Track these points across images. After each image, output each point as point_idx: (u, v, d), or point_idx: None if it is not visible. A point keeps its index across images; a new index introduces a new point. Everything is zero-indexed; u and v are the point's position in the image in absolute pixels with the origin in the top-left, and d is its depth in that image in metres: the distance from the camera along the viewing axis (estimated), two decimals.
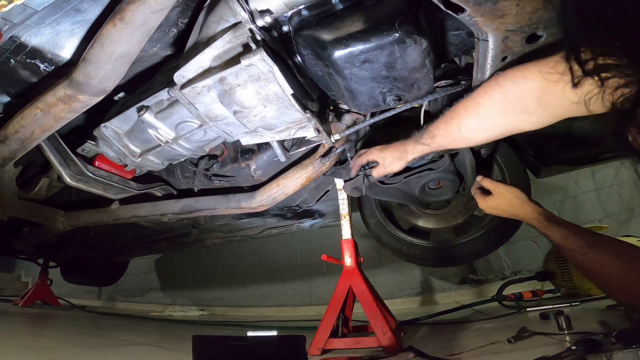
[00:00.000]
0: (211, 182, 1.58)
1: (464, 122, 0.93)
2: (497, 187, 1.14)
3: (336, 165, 1.43)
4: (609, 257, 0.93)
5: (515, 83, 0.80)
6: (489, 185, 1.17)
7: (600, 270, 0.94)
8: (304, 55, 1.01)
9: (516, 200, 1.11)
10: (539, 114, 0.80)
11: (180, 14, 1.03)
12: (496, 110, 0.86)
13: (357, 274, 1.46)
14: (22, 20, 0.92)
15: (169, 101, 1.18)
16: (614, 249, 0.94)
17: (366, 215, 1.95)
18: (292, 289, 3.56)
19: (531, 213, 1.07)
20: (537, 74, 0.75)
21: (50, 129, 1.18)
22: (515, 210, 1.11)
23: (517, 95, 0.80)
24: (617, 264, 0.91)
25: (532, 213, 1.07)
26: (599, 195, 2.71)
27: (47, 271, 3.02)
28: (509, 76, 0.81)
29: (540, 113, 0.80)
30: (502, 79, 0.83)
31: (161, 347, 1.58)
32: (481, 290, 2.75)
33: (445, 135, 1.00)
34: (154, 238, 2.38)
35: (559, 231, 1.01)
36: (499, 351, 1.09)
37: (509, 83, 0.81)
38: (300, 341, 0.98)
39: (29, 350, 1.30)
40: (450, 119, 0.96)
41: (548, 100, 0.76)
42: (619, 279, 0.91)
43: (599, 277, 0.97)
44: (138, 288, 4.39)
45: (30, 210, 1.85)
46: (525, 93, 0.79)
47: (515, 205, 1.10)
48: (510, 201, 1.11)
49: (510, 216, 1.14)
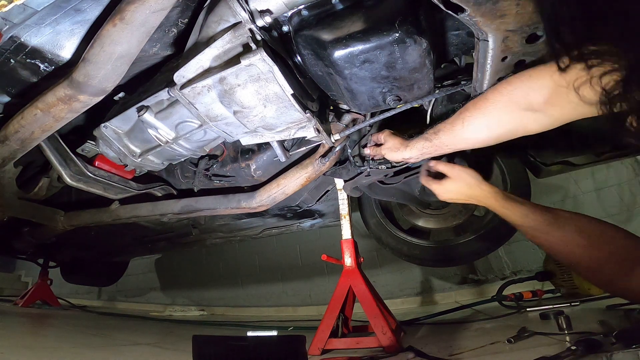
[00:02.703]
0: (211, 182, 1.58)
1: (469, 117, 0.93)
2: (453, 169, 1.09)
3: (336, 165, 1.43)
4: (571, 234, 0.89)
5: (523, 81, 0.81)
6: (443, 169, 1.11)
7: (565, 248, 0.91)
8: (304, 55, 1.01)
9: (473, 180, 1.06)
10: (546, 113, 0.80)
11: (180, 14, 1.03)
12: (503, 106, 0.86)
13: (357, 274, 1.46)
14: (22, 20, 0.92)
15: (169, 101, 1.18)
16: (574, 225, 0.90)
17: (366, 215, 1.95)
18: (292, 289, 3.56)
19: (488, 193, 1.04)
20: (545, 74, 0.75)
21: (50, 129, 1.18)
22: (472, 191, 1.06)
23: (524, 93, 0.81)
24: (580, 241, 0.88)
25: (489, 193, 1.04)
26: (599, 195, 2.71)
27: (47, 271, 3.02)
28: (519, 75, 0.83)
29: (546, 113, 0.80)
30: (512, 78, 0.84)
31: (161, 347, 1.58)
32: (481, 290, 2.75)
33: (449, 131, 0.99)
34: (154, 238, 2.38)
35: (518, 209, 0.98)
36: (499, 351, 1.09)
37: (517, 81, 0.83)
38: (300, 341, 0.98)
39: (29, 350, 1.30)
40: (458, 114, 0.96)
41: (555, 100, 0.76)
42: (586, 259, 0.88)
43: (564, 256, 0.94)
44: (138, 288, 4.39)
45: (30, 210, 1.85)
46: (532, 90, 0.79)
47: (473, 185, 1.06)
48: (467, 181, 1.07)
49: (467, 199, 1.09)
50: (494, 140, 0.95)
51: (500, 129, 0.90)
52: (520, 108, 0.84)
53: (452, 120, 0.98)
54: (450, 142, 1.01)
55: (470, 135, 0.95)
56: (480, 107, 0.90)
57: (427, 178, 1.16)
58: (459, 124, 0.95)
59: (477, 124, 0.92)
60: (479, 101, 0.91)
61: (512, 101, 0.84)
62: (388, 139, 1.17)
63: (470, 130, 0.94)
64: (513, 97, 0.84)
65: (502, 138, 0.94)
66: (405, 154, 1.11)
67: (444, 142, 1.02)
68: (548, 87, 0.76)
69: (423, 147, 1.07)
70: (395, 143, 1.15)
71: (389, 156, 1.18)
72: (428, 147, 1.06)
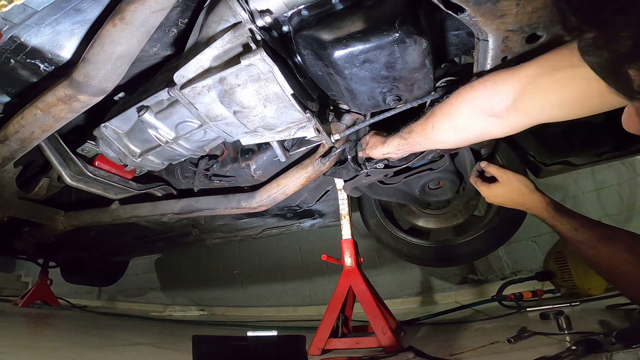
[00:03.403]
0: (211, 182, 1.58)
1: (437, 122, 0.92)
2: (505, 174, 1.08)
3: (336, 165, 1.43)
4: (620, 251, 0.88)
5: (486, 87, 0.80)
6: (495, 172, 1.10)
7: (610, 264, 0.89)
8: (304, 55, 1.01)
9: (524, 189, 1.05)
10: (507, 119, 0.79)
11: (180, 14, 1.03)
12: (466, 112, 0.85)
13: (357, 274, 1.46)
14: (22, 20, 0.92)
15: (169, 101, 1.18)
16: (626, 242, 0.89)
17: (366, 215, 1.95)
18: (292, 289, 3.56)
19: (540, 203, 1.02)
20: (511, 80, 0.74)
21: (50, 129, 1.18)
22: (522, 199, 1.05)
23: (487, 99, 0.80)
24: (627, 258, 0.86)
25: (541, 203, 1.02)
26: (599, 195, 2.72)
27: (47, 271, 3.02)
28: (482, 80, 0.81)
29: (508, 119, 0.79)
30: (476, 83, 0.83)
31: (161, 347, 1.58)
32: (481, 290, 2.75)
33: (420, 133, 0.99)
34: (154, 238, 2.38)
35: (569, 223, 0.96)
36: (499, 351, 1.09)
37: (480, 87, 0.81)
38: (300, 341, 0.98)
39: (29, 350, 1.30)
40: (428, 117, 0.96)
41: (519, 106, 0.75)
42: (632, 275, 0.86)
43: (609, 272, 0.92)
44: (138, 288, 4.39)
45: (30, 210, 1.85)
46: (495, 96, 0.78)
47: (524, 194, 1.04)
48: (518, 189, 1.05)
49: (515, 206, 1.08)
50: (462, 143, 0.95)
51: (467, 133, 0.89)
52: (484, 114, 0.82)
53: (422, 122, 0.98)
54: (422, 142, 1.02)
55: (441, 137, 0.95)
56: (446, 113, 0.90)
57: (476, 179, 1.16)
58: (429, 126, 0.95)
59: (445, 128, 0.91)
60: (444, 106, 0.90)
61: (475, 107, 0.83)
62: (370, 139, 1.21)
63: (440, 134, 0.94)
64: (476, 104, 0.82)
65: (471, 141, 0.94)
66: (383, 149, 1.14)
67: (417, 141, 1.02)
68: (512, 92, 0.75)
69: (399, 144, 1.08)
70: (375, 141, 1.17)
71: (371, 154, 1.20)
72: (403, 144, 1.07)
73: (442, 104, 0.91)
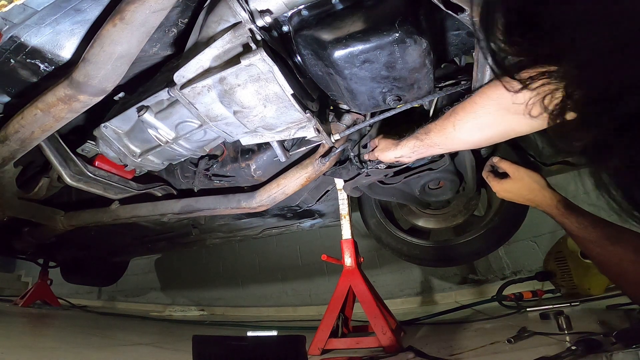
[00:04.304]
0: (211, 182, 1.58)
1: (460, 120, 0.93)
2: (517, 170, 1.08)
3: (336, 165, 1.43)
4: (627, 251, 0.87)
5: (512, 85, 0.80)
6: (507, 167, 1.10)
7: (618, 264, 0.89)
8: (304, 55, 1.01)
9: (536, 185, 1.05)
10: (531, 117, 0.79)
11: (180, 14, 1.03)
12: (491, 110, 0.86)
13: (357, 274, 1.46)
14: (22, 20, 0.92)
15: (169, 101, 1.18)
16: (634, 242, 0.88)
17: (366, 215, 1.94)
18: (292, 289, 3.56)
19: (550, 200, 1.02)
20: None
21: (50, 129, 1.18)
22: (533, 195, 1.05)
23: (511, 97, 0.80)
24: (634, 258, 0.86)
25: (551, 200, 1.02)
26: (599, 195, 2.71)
27: (47, 271, 3.02)
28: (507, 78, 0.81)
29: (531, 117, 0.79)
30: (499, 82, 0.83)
31: (161, 347, 1.58)
32: (481, 290, 2.75)
33: (439, 132, 0.99)
34: (154, 238, 2.38)
35: (578, 221, 0.96)
36: (499, 351, 1.09)
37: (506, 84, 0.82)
38: (300, 341, 0.98)
39: (29, 350, 1.30)
40: (448, 116, 0.96)
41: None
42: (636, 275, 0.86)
43: (615, 272, 0.92)
44: (138, 288, 4.39)
45: (30, 210, 1.85)
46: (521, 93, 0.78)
47: (534, 190, 1.04)
48: (529, 185, 1.05)
49: (526, 202, 1.08)
50: (485, 141, 0.96)
51: (492, 131, 0.90)
52: (509, 112, 0.83)
53: (441, 122, 0.98)
54: (441, 142, 1.02)
55: (463, 136, 0.95)
56: (470, 112, 0.90)
57: (488, 174, 1.16)
58: (449, 126, 0.95)
59: (469, 127, 0.92)
60: (468, 105, 0.90)
61: (501, 105, 0.83)
62: (380, 142, 1.21)
63: (463, 132, 0.94)
64: (501, 102, 0.83)
65: (494, 140, 0.94)
66: (396, 152, 1.13)
67: (435, 142, 1.02)
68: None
69: (414, 145, 1.08)
70: (386, 144, 1.17)
71: (381, 157, 1.20)
72: (419, 146, 1.07)
73: (465, 103, 0.91)
